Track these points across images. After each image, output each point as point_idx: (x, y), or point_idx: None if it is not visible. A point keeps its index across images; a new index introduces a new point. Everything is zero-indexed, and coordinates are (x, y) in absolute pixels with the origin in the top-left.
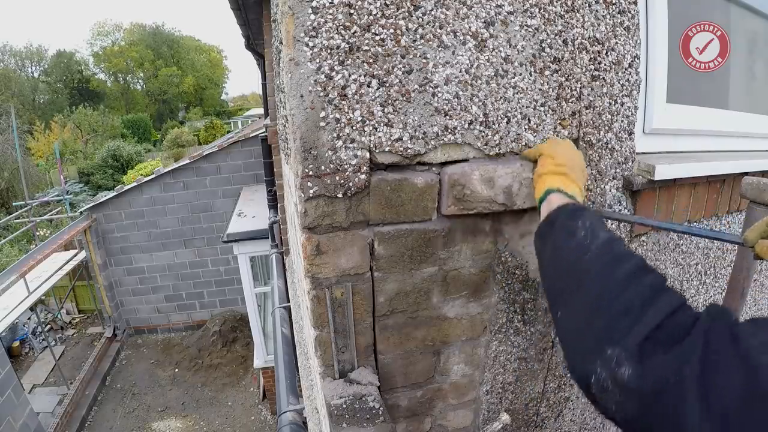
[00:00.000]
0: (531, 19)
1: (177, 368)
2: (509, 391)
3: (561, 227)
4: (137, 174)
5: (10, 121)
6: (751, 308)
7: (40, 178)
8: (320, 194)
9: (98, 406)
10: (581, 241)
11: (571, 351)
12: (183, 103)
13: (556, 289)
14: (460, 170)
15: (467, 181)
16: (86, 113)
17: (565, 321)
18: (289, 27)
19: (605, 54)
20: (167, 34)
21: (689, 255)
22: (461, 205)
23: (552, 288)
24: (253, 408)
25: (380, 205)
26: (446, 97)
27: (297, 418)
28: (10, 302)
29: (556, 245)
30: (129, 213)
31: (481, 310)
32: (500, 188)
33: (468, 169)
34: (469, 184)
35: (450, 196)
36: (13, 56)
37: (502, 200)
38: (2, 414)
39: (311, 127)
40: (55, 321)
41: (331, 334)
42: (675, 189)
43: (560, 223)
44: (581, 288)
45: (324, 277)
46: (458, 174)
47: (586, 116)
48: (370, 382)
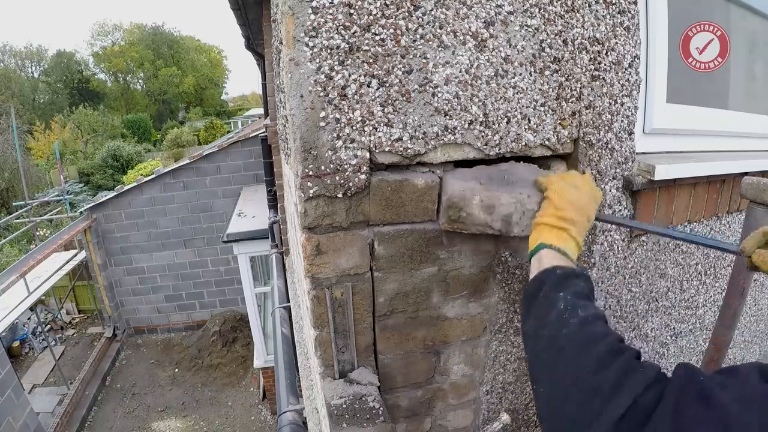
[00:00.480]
0: (531, 19)
1: (177, 368)
2: (509, 391)
3: (545, 296)
4: (137, 174)
5: (10, 121)
6: (751, 308)
7: (40, 178)
8: (320, 194)
9: (98, 406)
10: (560, 314)
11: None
12: (183, 103)
13: (535, 364)
14: (460, 192)
15: (465, 205)
16: (86, 113)
17: (543, 400)
18: (289, 27)
19: (605, 54)
20: (167, 34)
21: (689, 255)
22: (455, 225)
23: (532, 361)
24: (253, 408)
25: (380, 205)
26: (446, 97)
27: (297, 418)
28: (10, 302)
29: (537, 315)
30: (129, 213)
31: (481, 310)
32: (499, 215)
33: (469, 193)
34: (467, 208)
35: (446, 215)
36: (13, 56)
37: (498, 227)
38: (2, 414)
39: (311, 127)
40: (55, 321)
41: (331, 334)
42: (675, 189)
43: (544, 292)
44: (556, 367)
45: (324, 277)
46: (458, 196)
47: (586, 116)
48: (370, 382)
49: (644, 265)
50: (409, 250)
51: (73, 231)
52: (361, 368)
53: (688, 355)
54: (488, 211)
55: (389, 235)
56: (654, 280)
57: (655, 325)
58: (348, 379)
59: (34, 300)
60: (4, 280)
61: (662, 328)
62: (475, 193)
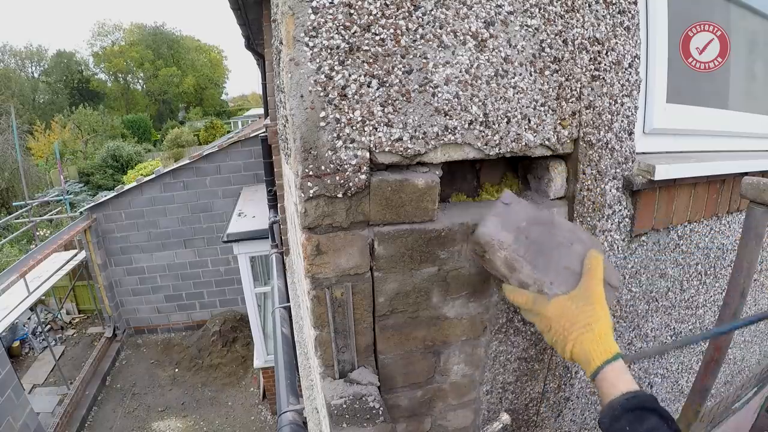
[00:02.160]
0: (531, 19)
1: (177, 368)
2: (509, 391)
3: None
4: (137, 174)
5: (10, 121)
6: (752, 308)
7: (40, 178)
8: (320, 194)
9: (98, 406)
10: None
11: None
12: (183, 103)
13: None
14: (488, 239)
15: (490, 252)
16: (86, 113)
17: None
18: (289, 27)
19: (605, 54)
20: (167, 34)
21: (689, 255)
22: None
23: None
24: (253, 408)
25: (380, 205)
26: (446, 97)
27: (297, 418)
28: (10, 302)
29: None
30: (129, 213)
31: (481, 310)
32: (517, 279)
33: (497, 245)
34: (490, 255)
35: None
36: (13, 56)
37: (514, 284)
38: (2, 414)
39: (311, 127)
40: (55, 321)
41: (331, 334)
42: (675, 189)
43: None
44: None
45: (324, 277)
46: (484, 242)
47: (586, 116)
48: (370, 382)
49: (644, 265)
50: (409, 250)
51: (73, 231)
52: (361, 368)
53: (688, 355)
54: (509, 268)
55: (389, 235)
56: (654, 280)
57: (655, 325)
58: (348, 379)
59: (34, 300)
60: (4, 280)
61: (662, 328)
62: (503, 248)
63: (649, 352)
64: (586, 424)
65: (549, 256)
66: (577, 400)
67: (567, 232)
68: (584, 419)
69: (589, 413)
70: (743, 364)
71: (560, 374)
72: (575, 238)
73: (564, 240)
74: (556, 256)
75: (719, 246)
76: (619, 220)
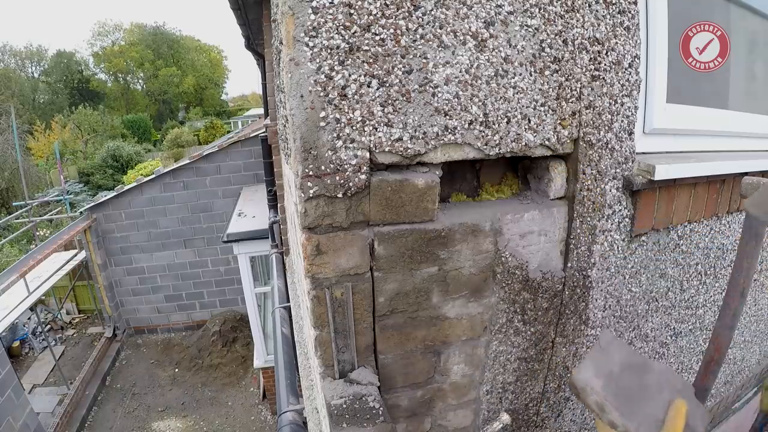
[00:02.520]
0: (531, 19)
1: (177, 368)
2: (509, 391)
3: None
4: (137, 174)
5: (10, 121)
6: (751, 308)
7: (40, 178)
8: (320, 194)
9: (98, 406)
10: None
11: None
12: (183, 103)
13: None
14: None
15: (583, 393)
16: (86, 113)
17: None
18: (289, 27)
19: (605, 54)
20: (167, 34)
21: (689, 255)
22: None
23: None
24: (253, 408)
25: (380, 205)
26: (446, 97)
27: (297, 418)
28: (10, 302)
29: None
30: (129, 213)
31: (481, 310)
32: (607, 416)
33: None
34: (583, 396)
35: (568, 382)
36: (13, 56)
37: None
38: (2, 414)
39: (311, 127)
40: (55, 321)
41: (331, 334)
42: (675, 189)
43: None
44: None
45: (324, 277)
46: (581, 385)
47: (586, 116)
48: (370, 382)
49: (644, 265)
50: (409, 250)
51: (73, 231)
52: (361, 368)
53: (688, 355)
54: (600, 409)
55: (389, 235)
56: (654, 280)
57: (655, 325)
58: (348, 379)
59: (34, 300)
60: (4, 280)
61: (662, 328)
62: (594, 393)
63: None
64: (586, 424)
65: (636, 403)
66: (577, 400)
67: (657, 376)
68: (584, 419)
69: (589, 413)
70: (743, 364)
71: (560, 374)
72: (665, 383)
73: (653, 385)
74: (643, 404)
75: (719, 246)
76: (619, 220)
